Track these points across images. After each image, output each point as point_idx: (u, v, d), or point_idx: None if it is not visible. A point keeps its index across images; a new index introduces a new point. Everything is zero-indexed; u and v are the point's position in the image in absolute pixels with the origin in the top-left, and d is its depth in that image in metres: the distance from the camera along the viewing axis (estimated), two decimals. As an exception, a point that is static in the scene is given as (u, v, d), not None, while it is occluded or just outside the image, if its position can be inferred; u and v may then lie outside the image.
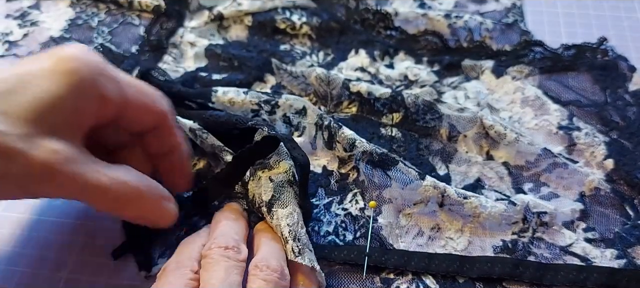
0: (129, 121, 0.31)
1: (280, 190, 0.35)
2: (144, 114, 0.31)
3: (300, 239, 0.32)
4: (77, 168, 0.26)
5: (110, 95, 0.29)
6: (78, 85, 0.27)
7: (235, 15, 0.52)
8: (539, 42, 0.48)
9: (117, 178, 0.28)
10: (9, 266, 0.35)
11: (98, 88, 0.28)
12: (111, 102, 0.29)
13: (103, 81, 0.28)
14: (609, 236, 0.36)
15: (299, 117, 0.41)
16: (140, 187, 0.29)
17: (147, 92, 0.32)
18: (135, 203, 0.29)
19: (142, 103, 0.31)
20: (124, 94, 0.30)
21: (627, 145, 0.40)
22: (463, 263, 0.34)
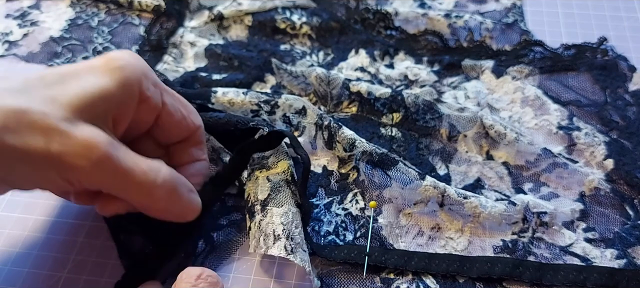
0: (162, 130, 0.33)
1: (277, 190, 0.35)
2: (178, 124, 0.33)
3: (293, 238, 0.32)
4: (116, 152, 0.27)
5: (151, 97, 0.30)
6: (123, 81, 0.29)
7: (235, 15, 0.52)
8: (539, 42, 0.48)
9: (153, 166, 0.29)
10: (13, 267, 0.35)
11: (141, 87, 0.30)
12: (151, 103, 0.30)
13: (146, 82, 0.30)
14: (609, 236, 0.36)
15: (299, 117, 0.41)
16: (174, 176, 0.30)
17: (184, 104, 0.33)
18: (168, 192, 0.29)
19: (179, 113, 0.33)
20: (163, 99, 0.31)
21: (627, 145, 0.40)
22: (463, 263, 0.34)
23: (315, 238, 0.36)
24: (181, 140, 0.34)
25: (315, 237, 0.36)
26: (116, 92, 0.28)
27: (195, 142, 0.34)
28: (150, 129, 0.33)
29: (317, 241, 0.36)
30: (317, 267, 0.34)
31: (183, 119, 0.33)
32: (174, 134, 0.33)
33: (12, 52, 0.50)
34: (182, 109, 0.33)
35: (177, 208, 0.31)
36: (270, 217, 0.34)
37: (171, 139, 0.34)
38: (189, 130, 0.34)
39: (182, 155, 0.34)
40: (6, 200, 0.39)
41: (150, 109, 0.31)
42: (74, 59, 0.50)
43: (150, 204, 0.29)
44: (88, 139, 0.26)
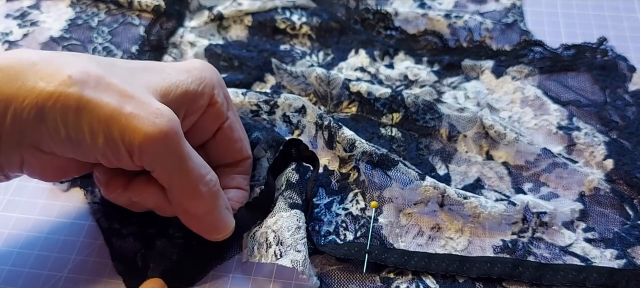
0: (218, 145, 0.34)
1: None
2: (234, 144, 0.34)
3: (283, 242, 0.33)
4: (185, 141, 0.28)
5: (220, 103, 0.32)
6: (199, 80, 0.31)
7: (235, 15, 0.52)
8: (539, 42, 0.48)
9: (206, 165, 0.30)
10: (13, 267, 0.35)
11: (213, 90, 0.32)
12: (218, 109, 0.32)
13: (218, 89, 0.32)
14: (609, 236, 0.36)
15: (299, 116, 0.41)
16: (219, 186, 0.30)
17: (244, 130, 0.36)
18: (211, 197, 0.30)
19: (238, 133, 0.34)
20: (228, 114, 0.33)
21: (627, 145, 0.40)
22: (463, 263, 0.34)
23: (316, 238, 0.36)
24: (230, 163, 0.35)
25: (315, 237, 0.36)
26: (191, 86, 0.31)
27: (243, 170, 0.36)
28: (207, 144, 0.34)
29: (318, 241, 0.36)
30: (316, 266, 0.34)
31: (240, 140, 0.35)
32: (227, 153, 0.35)
33: (12, 52, 0.50)
34: (241, 132, 0.35)
35: (211, 220, 0.31)
36: (264, 227, 0.34)
37: (224, 158, 0.35)
38: (241, 156, 0.35)
39: (227, 178, 0.35)
40: (6, 200, 0.39)
41: (216, 116, 0.33)
42: (74, 59, 0.49)
43: (189, 201, 0.29)
44: (162, 108, 0.27)
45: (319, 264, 0.34)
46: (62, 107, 0.25)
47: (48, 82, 0.25)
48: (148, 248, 0.35)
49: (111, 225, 0.36)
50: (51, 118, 0.25)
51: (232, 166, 0.35)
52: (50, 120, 0.26)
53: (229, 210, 0.32)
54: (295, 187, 0.36)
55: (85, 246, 0.36)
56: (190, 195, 0.29)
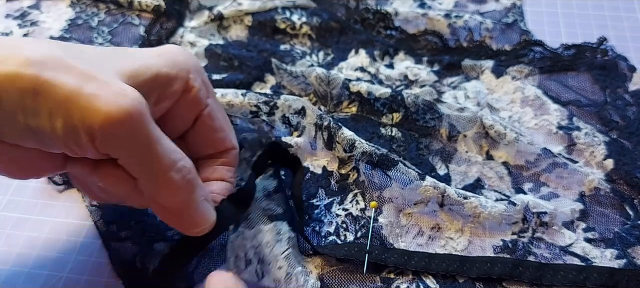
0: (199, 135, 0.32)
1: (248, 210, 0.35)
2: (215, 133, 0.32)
3: (263, 260, 0.33)
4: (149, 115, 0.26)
5: (197, 88, 0.30)
6: (172, 63, 0.29)
7: (235, 15, 0.52)
8: (539, 42, 0.48)
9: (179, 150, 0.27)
10: (13, 267, 0.35)
11: (188, 74, 0.30)
12: (195, 95, 0.30)
13: (195, 74, 0.30)
14: (609, 236, 0.36)
15: (298, 117, 0.41)
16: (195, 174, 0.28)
17: (227, 118, 0.33)
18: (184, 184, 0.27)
19: (219, 122, 0.32)
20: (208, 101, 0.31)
21: (627, 144, 0.40)
22: (463, 263, 0.34)
23: (316, 239, 0.36)
24: (212, 154, 0.33)
25: (316, 238, 0.36)
26: (163, 70, 0.28)
27: (226, 161, 0.33)
28: (186, 134, 0.32)
29: (318, 242, 0.36)
30: (317, 267, 0.34)
31: (221, 130, 0.32)
32: (208, 144, 0.32)
33: (12, 52, 0.50)
34: (223, 121, 0.32)
35: (186, 212, 0.28)
36: (241, 239, 0.34)
37: (205, 149, 0.32)
38: (224, 146, 0.33)
39: (208, 170, 0.32)
40: (6, 200, 0.39)
41: (193, 103, 0.30)
42: (74, 59, 0.49)
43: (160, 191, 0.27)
44: (126, 88, 0.25)
45: (319, 265, 0.34)
46: (19, 90, 0.24)
47: (4, 64, 0.24)
48: (147, 251, 0.35)
49: (109, 229, 0.36)
50: (8, 102, 0.24)
51: (214, 157, 0.33)
52: (7, 105, 0.24)
53: (208, 201, 0.30)
54: (274, 196, 0.35)
55: (86, 246, 0.36)
56: (161, 183, 0.27)
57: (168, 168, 0.26)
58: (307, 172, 0.39)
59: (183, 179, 0.27)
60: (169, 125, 0.30)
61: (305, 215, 0.37)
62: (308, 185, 0.39)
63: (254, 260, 0.33)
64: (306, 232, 0.36)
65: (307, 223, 0.37)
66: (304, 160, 0.40)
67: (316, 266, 0.34)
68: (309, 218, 0.37)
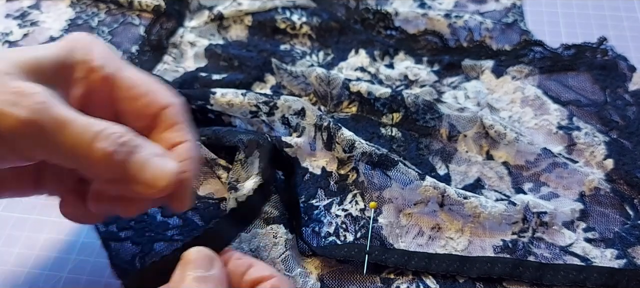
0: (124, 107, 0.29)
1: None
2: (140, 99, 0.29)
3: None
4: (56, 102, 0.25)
5: (103, 65, 0.28)
6: (70, 46, 0.28)
7: (235, 15, 0.52)
8: (539, 42, 0.48)
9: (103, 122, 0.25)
10: (13, 267, 0.35)
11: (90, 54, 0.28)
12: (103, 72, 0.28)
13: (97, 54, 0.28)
14: (609, 236, 0.36)
15: (298, 118, 0.41)
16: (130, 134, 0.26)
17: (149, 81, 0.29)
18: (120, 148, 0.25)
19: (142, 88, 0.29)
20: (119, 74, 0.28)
21: (627, 144, 0.40)
22: (463, 263, 0.34)
23: (316, 240, 0.36)
24: (150, 123, 0.29)
25: (315, 239, 0.36)
26: (60, 54, 0.27)
27: (169, 123, 0.29)
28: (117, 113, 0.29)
29: (318, 243, 0.36)
30: (317, 268, 0.34)
31: (146, 94, 0.29)
32: (140, 114, 0.29)
33: (12, 52, 0.50)
34: (142, 85, 0.29)
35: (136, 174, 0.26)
36: (238, 243, 0.34)
37: (140, 119, 0.29)
38: (156, 107, 0.29)
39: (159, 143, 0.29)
40: (6, 200, 0.39)
41: (102, 80, 0.28)
42: (74, 59, 0.49)
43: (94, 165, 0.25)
44: (24, 88, 0.24)
45: (319, 266, 0.34)
46: None
47: None
48: (147, 251, 0.35)
49: (109, 229, 0.36)
50: None
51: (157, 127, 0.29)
52: None
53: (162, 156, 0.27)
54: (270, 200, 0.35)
55: (85, 246, 0.36)
56: (92, 159, 0.25)
57: (91, 141, 0.25)
58: (306, 172, 0.39)
59: (115, 143, 0.25)
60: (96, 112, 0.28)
61: (304, 216, 0.37)
62: (307, 186, 0.39)
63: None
64: (306, 233, 0.36)
65: (306, 224, 0.37)
66: (303, 161, 0.40)
67: (316, 267, 0.34)
68: (308, 218, 0.37)
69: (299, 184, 0.38)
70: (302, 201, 0.38)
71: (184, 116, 0.30)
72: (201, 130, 0.39)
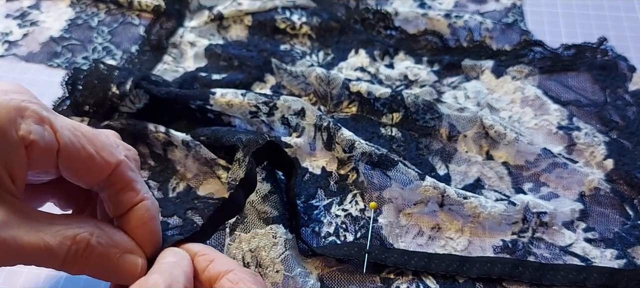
0: (71, 173, 0.27)
1: (244, 213, 0.35)
2: (86, 163, 0.27)
3: (261, 264, 0.33)
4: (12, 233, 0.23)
5: (38, 139, 0.25)
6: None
7: (235, 15, 0.52)
8: (539, 42, 0.48)
9: (65, 235, 0.25)
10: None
11: (17, 130, 0.24)
12: (40, 145, 0.25)
13: (25, 124, 0.25)
14: (609, 236, 0.36)
15: (298, 118, 0.41)
16: (92, 242, 0.26)
17: (91, 139, 0.27)
18: (89, 259, 0.26)
19: (84, 151, 0.26)
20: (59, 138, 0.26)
21: (627, 145, 0.40)
22: (463, 263, 0.34)
23: (316, 240, 0.36)
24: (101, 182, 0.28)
25: (315, 239, 0.36)
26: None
27: (121, 184, 0.28)
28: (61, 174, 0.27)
29: (318, 243, 0.36)
30: (317, 268, 0.34)
31: (90, 157, 0.27)
32: (86, 176, 0.27)
33: (12, 52, 0.50)
34: (87, 146, 0.27)
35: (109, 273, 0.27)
36: (238, 243, 0.34)
37: (85, 181, 0.27)
38: (103, 170, 0.27)
39: (113, 204, 0.28)
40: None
41: (42, 152, 0.25)
42: (73, 59, 0.50)
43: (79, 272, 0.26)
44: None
45: (319, 266, 0.34)
46: None
47: None
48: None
49: None
50: None
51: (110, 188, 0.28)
52: None
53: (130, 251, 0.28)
54: (269, 199, 0.35)
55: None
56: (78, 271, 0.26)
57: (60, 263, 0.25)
58: (306, 172, 0.39)
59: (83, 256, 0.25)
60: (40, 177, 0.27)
61: (304, 216, 0.37)
62: (307, 186, 0.39)
63: (252, 264, 0.33)
64: (305, 233, 0.36)
65: (306, 224, 0.37)
66: (303, 161, 0.40)
67: (316, 267, 0.34)
68: (308, 218, 0.37)
69: (299, 184, 0.38)
70: (302, 201, 0.38)
71: (133, 169, 0.29)
72: (201, 130, 0.39)
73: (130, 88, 0.41)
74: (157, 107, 0.41)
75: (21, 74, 0.49)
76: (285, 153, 0.37)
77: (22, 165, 0.25)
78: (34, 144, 0.25)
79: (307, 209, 0.37)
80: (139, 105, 0.41)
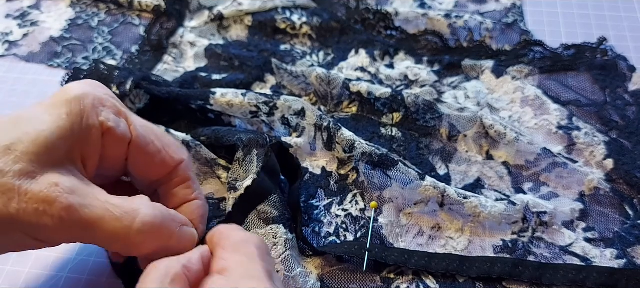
0: (137, 165, 0.29)
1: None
2: (152, 157, 0.29)
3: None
4: (82, 200, 0.25)
5: (114, 127, 0.27)
6: (77, 113, 0.26)
7: (236, 15, 0.52)
8: (539, 42, 0.48)
9: (130, 209, 0.26)
10: (14, 267, 0.35)
11: (98, 117, 0.27)
12: (116, 133, 0.28)
13: (105, 112, 0.28)
14: (609, 236, 0.36)
15: (298, 119, 0.41)
16: (157, 215, 0.27)
17: (159, 135, 0.30)
18: (152, 235, 0.26)
19: (152, 145, 0.29)
20: (131, 129, 0.29)
21: (627, 144, 0.40)
22: (463, 263, 0.34)
23: (316, 240, 0.36)
24: (162, 178, 0.30)
25: (315, 239, 0.36)
26: (72, 126, 0.26)
27: (180, 180, 0.30)
28: (127, 168, 0.30)
29: (318, 243, 0.36)
30: (317, 268, 0.34)
31: (158, 152, 0.29)
32: (151, 170, 0.30)
33: (12, 52, 0.50)
34: (155, 141, 0.29)
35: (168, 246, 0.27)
36: None
37: (149, 175, 0.30)
38: (168, 165, 0.30)
39: (168, 198, 0.31)
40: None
41: (117, 140, 0.28)
42: (74, 59, 0.50)
43: (131, 252, 0.27)
44: (46, 193, 0.24)
45: (319, 265, 0.34)
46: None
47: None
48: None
49: None
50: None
51: (167, 182, 0.31)
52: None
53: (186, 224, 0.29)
54: (269, 200, 0.35)
55: (85, 246, 0.36)
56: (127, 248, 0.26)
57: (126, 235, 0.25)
58: (307, 172, 0.39)
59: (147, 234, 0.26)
60: (107, 170, 0.29)
61: (304, 216, 0.37)
62: (307, 186, 0.39)
63: None
64: (305, 233, 0.36)
65: (306, 224, 0.37)
66: (303, 161, 0.40)
67: (316, 267, 0.34)
68: (308, 218, 0.37)
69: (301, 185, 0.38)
70: (302, 201, 0.38)
71: (193, 170, 0.31)
72: (201, 130, 0.39)
73: (131, 88, 0.41)
74: (158, 107, 0.42)
75: (21, 74, 0.49)
76: (292, 157, 0.37)
77: (96, 148, 0.27)
78: (110, 131, 0.27)
79: (307, 209, 0.37)
80: (139, 106, 0.41)
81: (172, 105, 0.41)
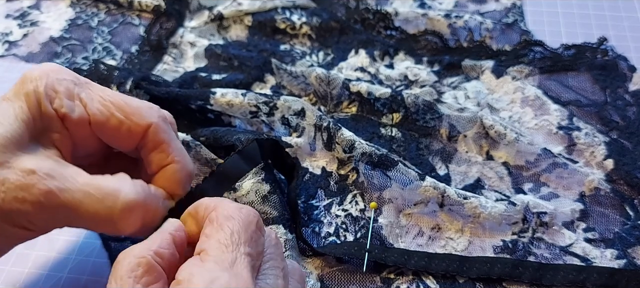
0: (108, 140, 0.29)
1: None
2: (116, 131, 0.28)
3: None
4: (61, 183, 0.25)
5: (68, 112, 0.27)
6: (35, 105, 0.26)
7: (235, 15, 0.52)
8: (539, 42, 0.48)
9: (112, 189, 0.25)
10: (14, 267, 0.35)
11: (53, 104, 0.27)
12: (72, 118, 0.27)
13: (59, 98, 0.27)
14: (609, 236, 0.36)
15: (298, 119, 0.41)
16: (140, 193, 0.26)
17: (119, 105, 0.28)
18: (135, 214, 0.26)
19: (114, 118, 0.28)
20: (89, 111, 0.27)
21: (627, 145, 0.40)
22: (463, 263, 0.34)
23: (316, 240, 0.36)
24: (136, 146, 0.29)
25: (315, 239, 0.36)
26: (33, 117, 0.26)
27: (152, 145, 0.29)
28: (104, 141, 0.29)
29: (317, 243, 0.36)
30: (317, 268, 0.34)
31: (120, 123, 0.28)
32: (121, 142, 0.29)
33: (12, 52, 0.50)
34: (116, 113, 0.28)
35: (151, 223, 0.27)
36: None
37: (124, 147, 0.29)
38: (135, 133, 0.28)
39: (148, 165, 0.30)
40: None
41: (76, 124, 0.27)
42: (73, 59, 0.50)
43: (118, 232, 0.27)
44: (23, 181, 0.24)
45: (319, 266, 0.34)
46: None
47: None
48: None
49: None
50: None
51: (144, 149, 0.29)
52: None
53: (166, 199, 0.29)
54: (269, 200, 0.35)
55: (85, 246, 0.36)
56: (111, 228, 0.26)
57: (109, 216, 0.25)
58: (306, 173, 0.39)
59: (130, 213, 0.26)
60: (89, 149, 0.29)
61: (304, 216, 0.37)
62: (307, 186, 0.39)
63: None
64: (305, 233, 0.36)
65: (306, 224, 0.37)
66: (303, 161, 0.40)
67: (316, 267, 0.34)
68: (308, 219, 0.37)
69: (299, 184, 0.38)
70: (302, 201, 0.38)
71: (166, 132, 0.29)
72: (201, 130, 0.39)
73: (130, 88, 0.41)
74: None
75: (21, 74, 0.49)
76: (288, 155, 0.37)
77: (64, 134, 0.27)
78: (66, 117, 0.27)
79: (307, 209, 0.37)
80: (139, 105, 0.41)
81: (171, 105, 0.41)
